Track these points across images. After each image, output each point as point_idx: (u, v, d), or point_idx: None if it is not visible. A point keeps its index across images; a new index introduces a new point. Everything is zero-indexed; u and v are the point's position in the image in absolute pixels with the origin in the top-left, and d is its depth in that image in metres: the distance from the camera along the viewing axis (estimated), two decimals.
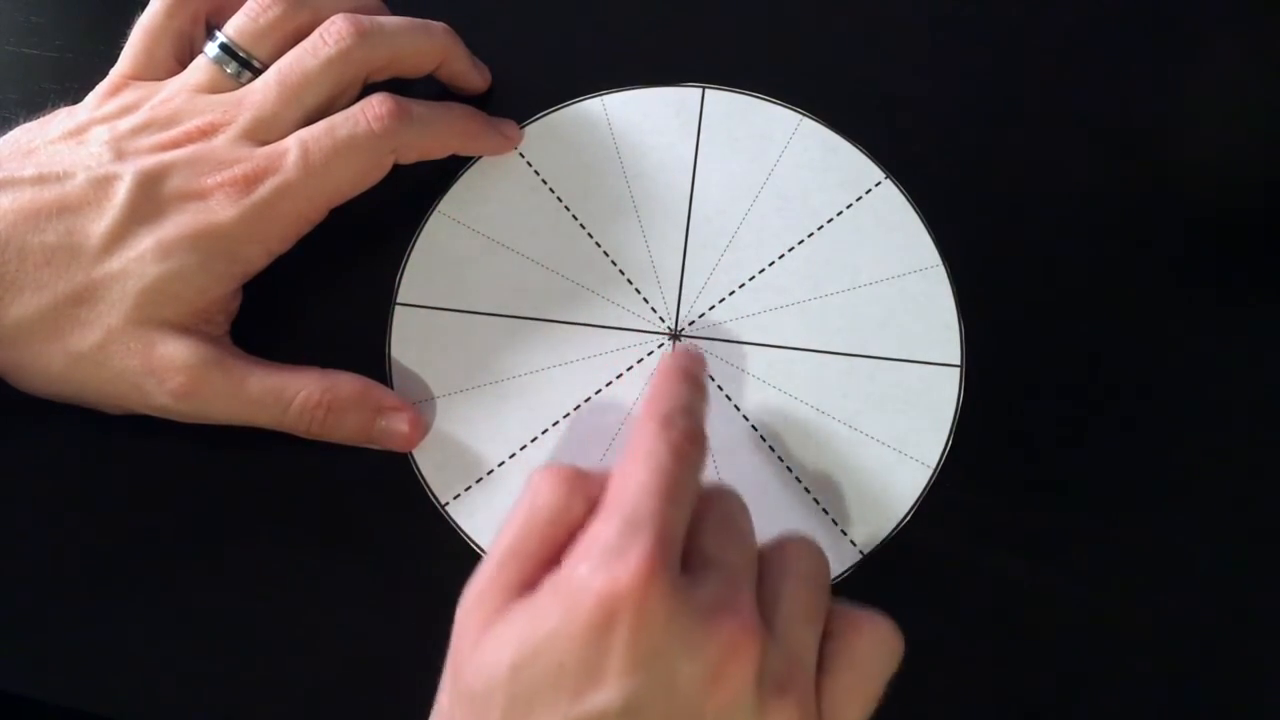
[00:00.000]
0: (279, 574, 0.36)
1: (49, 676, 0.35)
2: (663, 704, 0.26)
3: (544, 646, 0.26)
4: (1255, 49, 0.39)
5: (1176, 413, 0.36)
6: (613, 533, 0.27)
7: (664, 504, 0.28)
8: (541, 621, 0.27)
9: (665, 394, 0.31)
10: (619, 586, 0.26)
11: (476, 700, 0.27)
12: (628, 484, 0.28)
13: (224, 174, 0.33)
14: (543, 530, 0.29)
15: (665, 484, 0.28)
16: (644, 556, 0.26)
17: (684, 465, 0.29)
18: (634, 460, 0.29)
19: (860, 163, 0.38)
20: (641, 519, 0.27)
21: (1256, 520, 0.35)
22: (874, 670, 0.29)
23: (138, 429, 0.35)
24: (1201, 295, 0.37)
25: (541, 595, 0.27)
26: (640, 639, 0.26)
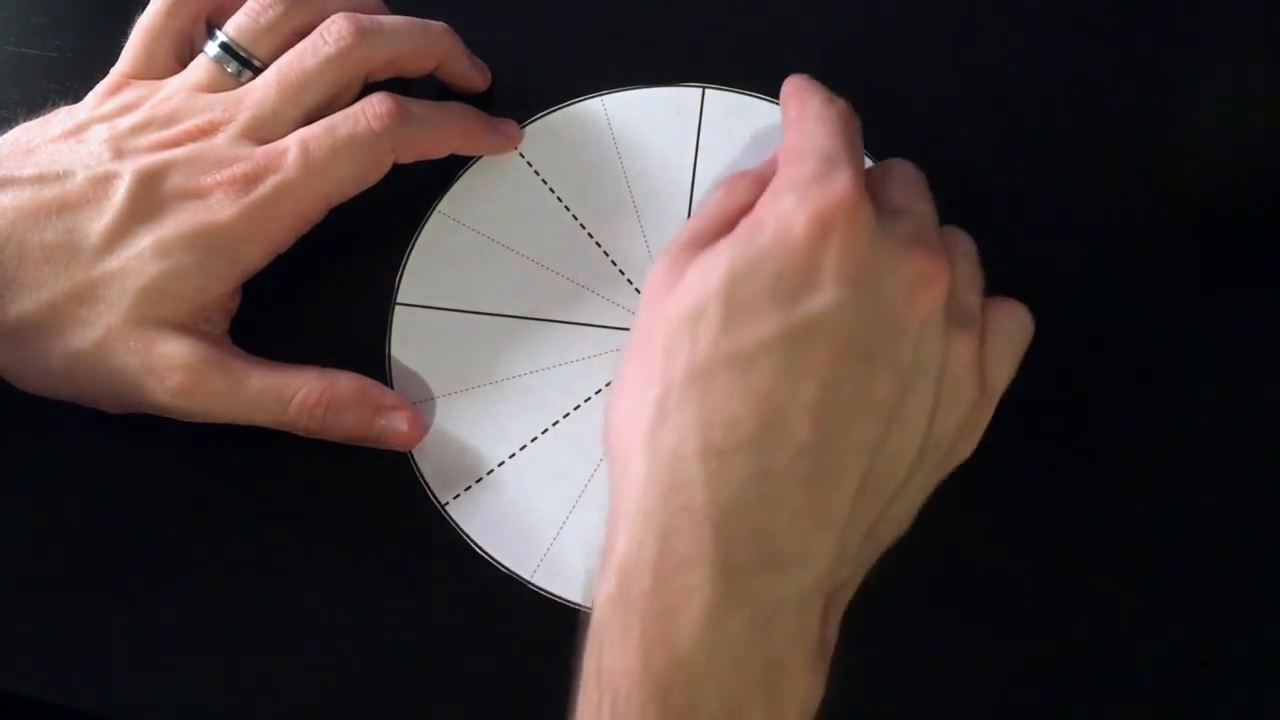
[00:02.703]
0: (279, 574, 0.36)
1: (49, 676, 0.35)
2: (868, 313, 0.29)
3: (760, 259, 0.29)
4: (1255, 49, 0.39)
5: (1177, 412, 0.36)
6: (810, 168, 0.29)
7: (852, 148, 0.31)
8: (753, 241, 0.29)
9: (816, 87, 0.33)
10: (831, 203, 0.28)
11: (688, 319, 0.29)
12: (810, 136, 0.31)
13: (224, 173, 0.33)
14: (733, 215, 0.31)
15: (845, 136, 0.31)
16: (850, 179, 0.29)
17: (854, 125, 0.32)
18: (807, 121, 0.31)
19: None
20: (837, 155, 0.30)
21: (1257, 520, 0.35)
22: (1018, 341, 0.32)
23: (138, 428, 0.35)
24: (1202, 295, 0.37)
25: (745, 225, 0.30)
26: (851, 252, 0.28)
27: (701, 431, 0.28)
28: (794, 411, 0.28)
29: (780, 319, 0.28)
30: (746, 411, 0.28)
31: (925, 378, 0.29)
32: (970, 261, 0.32)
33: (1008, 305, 0.32)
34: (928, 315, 0.29)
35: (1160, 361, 0.36)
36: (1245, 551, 0.35)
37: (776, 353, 0.28)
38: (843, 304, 0.28)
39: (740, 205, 0.31)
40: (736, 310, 0.29)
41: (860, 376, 0.28)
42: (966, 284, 0.31)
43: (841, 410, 0.28)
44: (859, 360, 0.28)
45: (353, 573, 0.36)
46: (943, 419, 0.30)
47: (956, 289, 0.30)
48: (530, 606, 0.35)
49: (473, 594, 0.35)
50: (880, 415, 0.29)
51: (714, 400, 0.28)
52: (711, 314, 0.29)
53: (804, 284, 0.28)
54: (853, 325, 0.28)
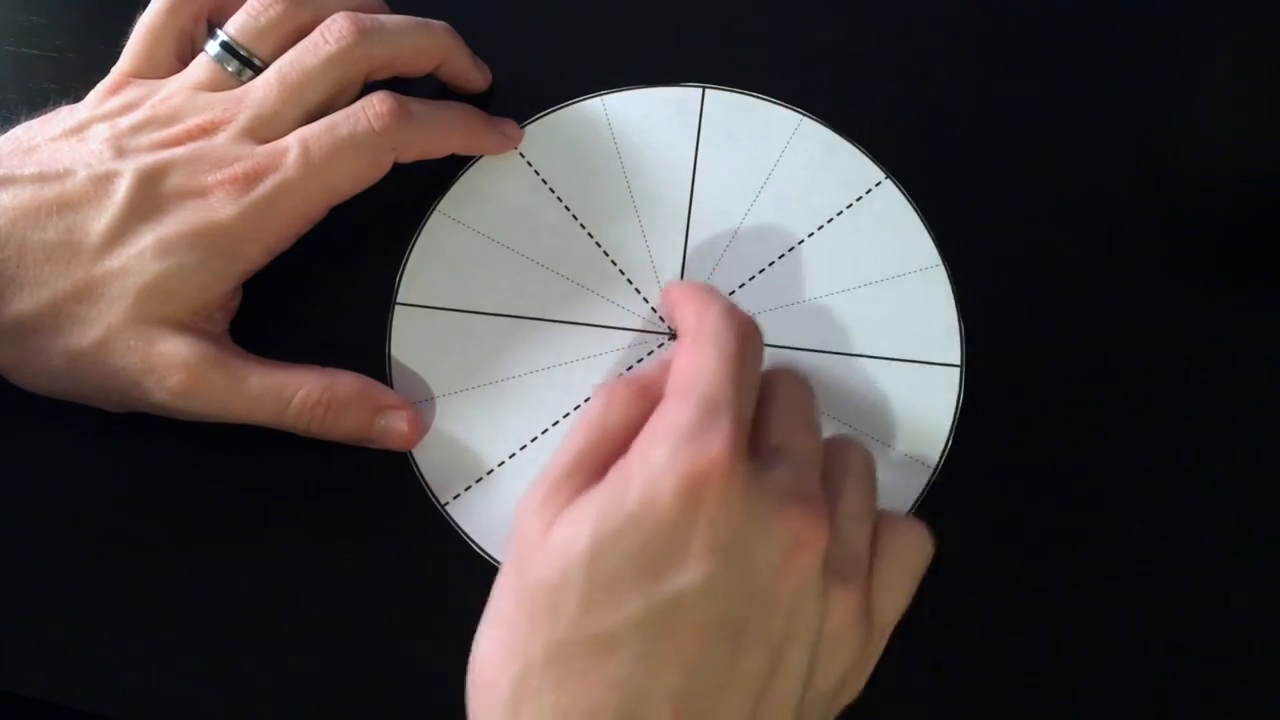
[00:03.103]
0: (278, 573, 0.36)
1: (49, 676, 0.35)
2: (738, 586, 0.27)
3: (625, 528, 0.27)
4: (1255, 49, 0.39)
5: (1177, 412, 0.36)
6: (689, 416, 0.27)
7: (737, 389, 0.28)
8: (620, 504, 0.27)
9: (710, 294, 0.31)
10: (701, 468, 0.26)
11: (550, 589, 0.27)
12: (699, 370, 0.28)
13: (224, 172, 0.33)
14: (611, 441, 0.29)
15: (736, 369, 0.29)
16: (726, 439, 0.27)
17: (752, 351, 0.30)
18: (701, 344, 0.29)
19: (860, 163, 0.38)
20: (718, 403, 0.28)
21: (1257, 520, 0.35)
22: (913, 568, 0.30)
23: (138, 428, 0.35)
24: (1202, 295, 0.37)
25: (615, 480, 0.28)
26: (721, 521, 0.27)
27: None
28: (654, 702, 0.27)
29: (643, 598, 0.26)
30: (605, 701, 0.26)
31: (799, 646, 0.28)
32: (860, 488, 0.30)
33: (901, 530, 0.31)
34: (803, 582, 0.28)
35: (1160, 361, 0.36)
36: (1246, 551, 0.35)
37: (637, 636, 0.26)
38: (710, 580, 0.26)
39: (619, 425, 0.29)
40: (599, 586, 0.27)
41: (727, 657, 0.27)
42: (854, 520, 0.30)
43: (706, 696, 0.27)
44: (726, 640, 0.27)
45: (353, 573, 0.36)
46: (821, 679, 0.29)
47: (839, 537, 0.29)
48: None
49: (473, 594, 0.35)
50: (748, 693, 0.27)
51: (572, 686, 0.27)
52: (573, 588, 0.27)
53: (670, 558, 0.27)
54: (720, 602, 0.27)
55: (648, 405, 0.29)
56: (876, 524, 0.30)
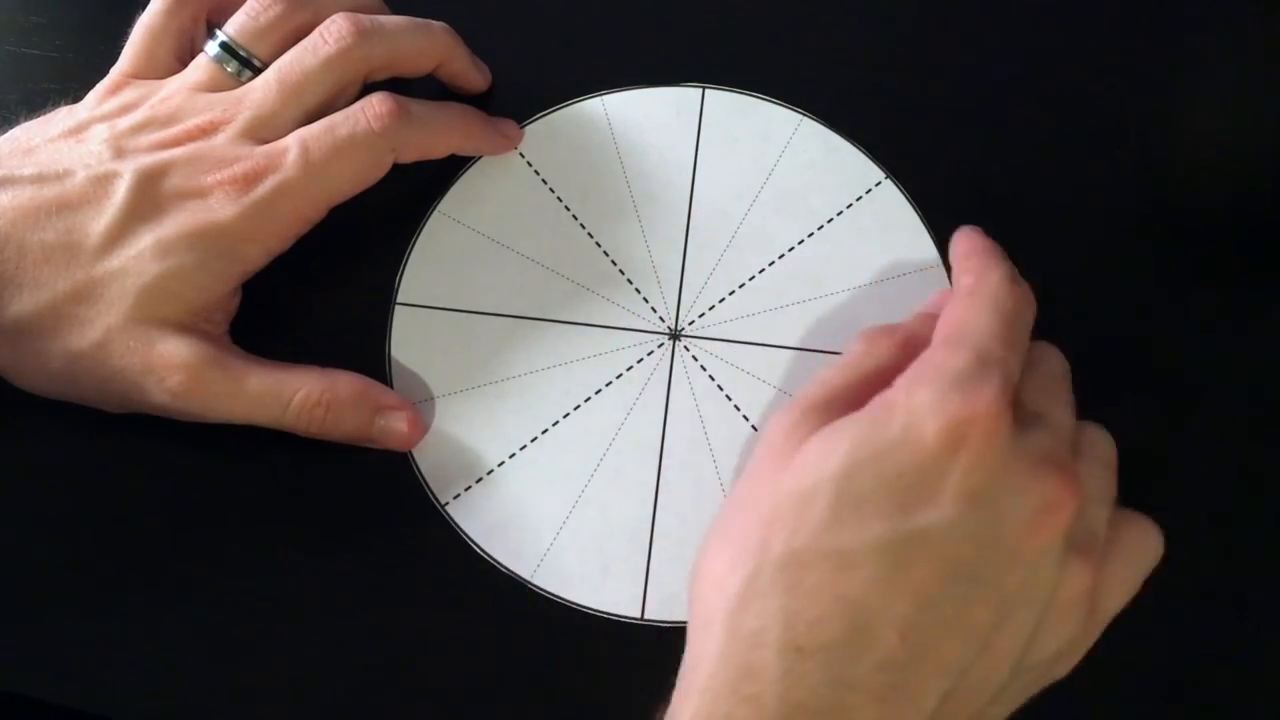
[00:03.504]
0: (278, 574, 0.36)
1: (49, 676, 0.35)
2: (983, 536, 0.27)
3: (884, 454, 0.28)
4: (1256, 48, 0.39)
5: (1176, 412, 0.36)
6: (961, 364, 0.28)
7: (1009, 347, 0.29)
8: (880, 431, 0.28)
9: (999, 253, 0.32)
10: (970, 414, 0.27)
11: (797, 499, 0.28)
12: (975, 321, 0.29)
13: (224, 172, 0.33)
14: (868, 383, 0.30)
15: (1010, 330, 0.30)
16: (995, 392, 0.28)
17: (1026, 318, 0.31)
18: (980, 300, 0.30)
19: (860, 163, 0.38)
20: (990, 356, 0.28)
21: (1257, 519, 0.35)
22: (1140, 566, 0.31)
23: (138, 429, 0.35)
24: (1202, 294, 0.37)
25: (878, 409, 0.29)
26: (980, 470, 0.27)
27: (785, 624, 0.27)
28: (882, 624, 0.27)
29: (889, 525, 0.27)
30: (835, 613, 0.27)
31: (1029, 606, 0.28)
32: (1105, 474, 0.31)
33: (1138, 526, 0.31)
34: (1046, 544, 0.28)
35: (1160, 361, 0.36)
36: (1246, 551, 0.35)
37: (877, 560, 0.27)
38: (957, 523, 0.27)
39: (877, 369, 0.30)
40: (847, 504, 0.27)
41: (959, 599, 0.27)
42: (1096, 502, 0.30)
43: (933, 631, 0.27)
44: (961, 583, 0.27)
45: (352, 573, 0.36)
46: (1041, 646, 0.29)
47: (1083, 512, 0.29)
48: (530, 606, 0.35)
49: (473, 594, 0.35)
50: (973, 640, 0.28)
51: (804, 593, 0.27)
52: (820, 501, 0.28)
53: (922, 493, 0.27)
54: (963, 546, 0.27)
55: (906, 357, 0.30)
56: (1114, 514, 0.31)
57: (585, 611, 0.35)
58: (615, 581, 0.35)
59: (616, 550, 0.35)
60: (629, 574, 0.35)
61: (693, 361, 0.37)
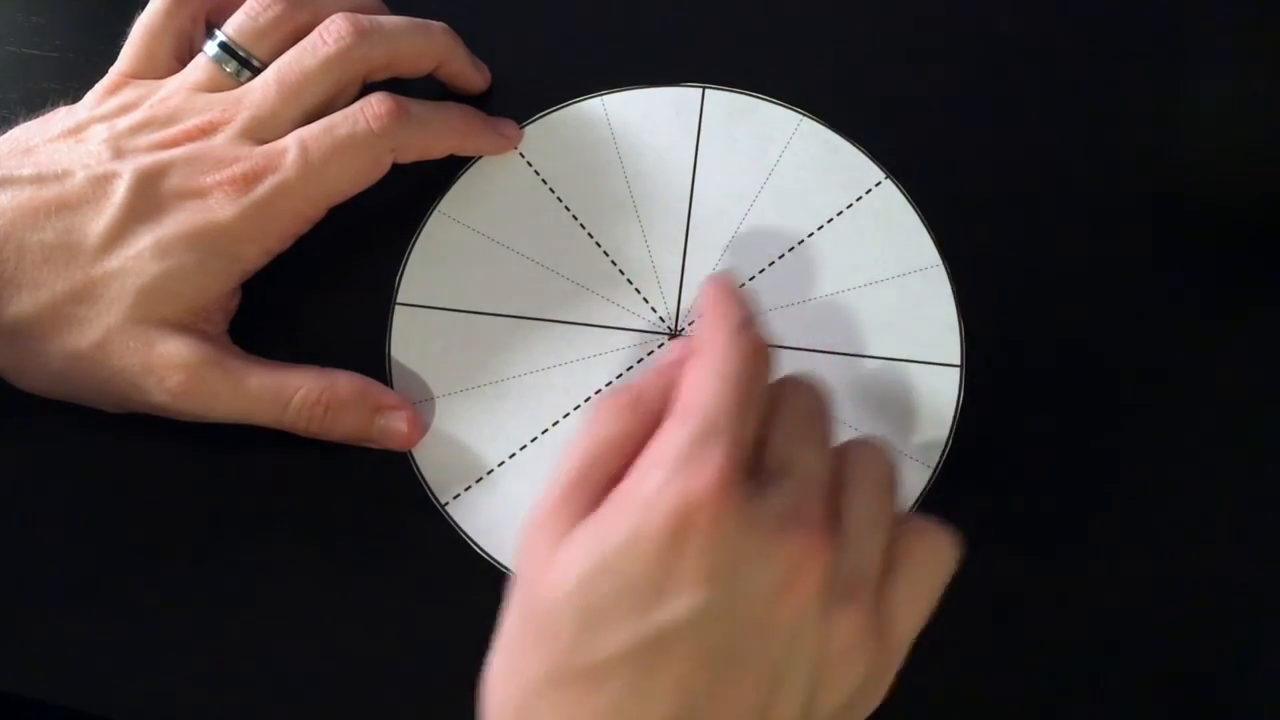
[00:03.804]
0: (279, 574, 0.36)
1: (49, 676, 0.35)
2: (731, 616, 0.26)
3: (614, 559, 0.26)
4: (1256, 49, 0.39)
5: (1176, 412, 0.36)
6: (684, 441, 0.27)
7: (738, 411, 0.28)
8: (611, 534, 0.27)
9: (728, 304, 0.30)
10: (692, 497, 0.26)
11: (545, 617, 0.27)
12: (699, 392, 0.28)
13: (223, 172, 0.33)
14: (609, 456, 0.29)
15: (739, 391, 0.28)
16: (718, 466, 0.26)
17: (756, 374, 0.29)
18: (704, 364, 0.29)
19: (860, 163, 0.38)
20: (716, 427, 0.27)
21: (1257, 519, 0.35)
22: (933, 581, 0.29)
23: (138, 429, 0.35)
24: (1202, 295, 0.37)
25: (610, 508, 0.27)
26: (712, 551, 0.26)
27: None
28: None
29: (632, 630, 0.26)
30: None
31: (798, 670, 0.27)
32: (875, 498, 0.29)
33: (921, 539, 0.29)
34: (800, 607, 0.27)
35: (1160, 361, 0.36)
36: (1246, 551, 0.35)
37: (627, 668, 0.26)
38: (700, 609, 0.26)
39: (617, 442, 0.29)
40: (591, 617, 0.26)
41: (721, 685, 0.26)
42: (862, 536, 0.28)
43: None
44: (720, 668, 0.26)
45: (353, 573, 0.36)
46: (824, 701, 0.28)
47: (846, 553, 0.28)
48: None
49: (473, 594, 0.35)
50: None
51: (567, 714, 0.27)
52: (566, 617, 0.27)
53: (660, 588, 0.26)
54: (711, 632, 0.26)
55: (645, 416, 0.29)
56: (895, 531, 0.29)
57: None
58: None
59: None
60: None
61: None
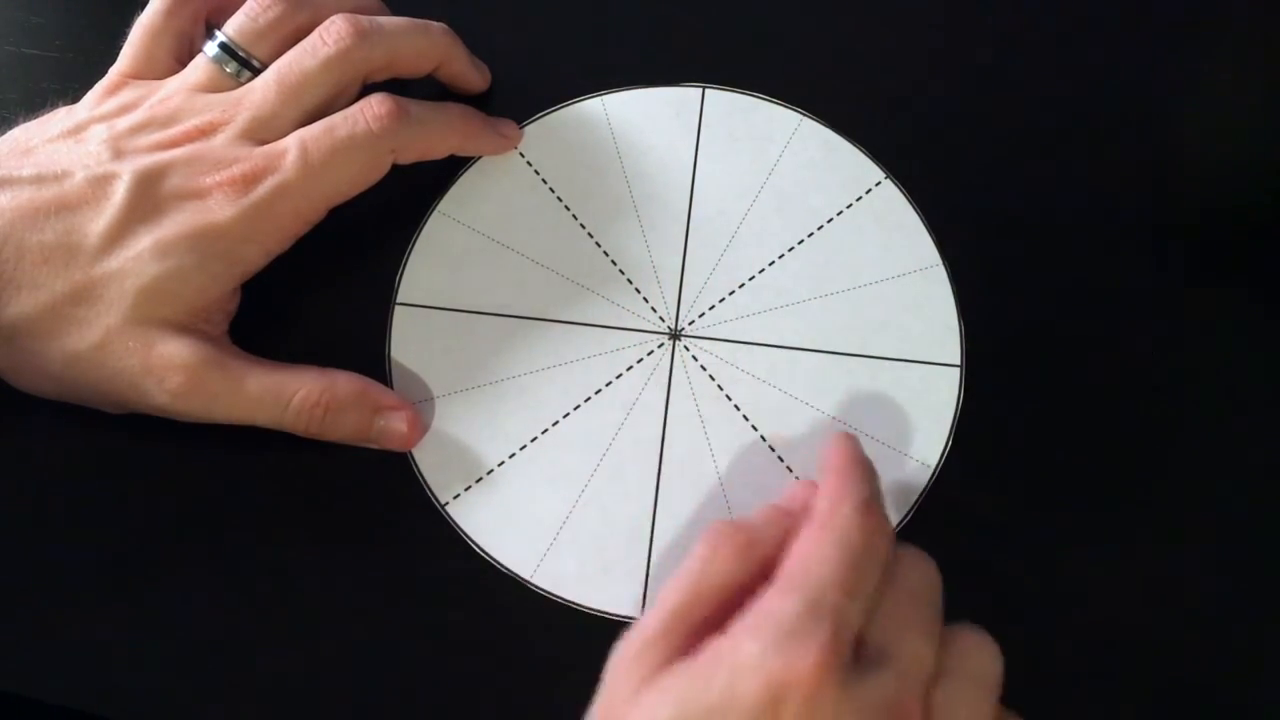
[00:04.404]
0: (279, 574, 0.36)
1: (49, 676, 0.35)
2: None
3: (703, 717, 0.26)
4: (1256, 49, 0.39)
5: (1176, 412, 0.36)
6: (791, 614, 0.27)
7: (848, 593, 0.27)
8: (704, 690, 0.26)
9: (854, 477, 0.30)
10: (791, 676, 0.26)
11: None
12: (815, 564, 0.28)
13: (223, 173, 0.33)
14: (711, 596, 0.29)
15: (853, 573, 0.28)
16: (821, 649, 0.26)
17: (874, 556, 0.29)
18: (825, 536, 0.28)
19: (860, 163, 0.38)
20: (824, 607, 0.27)
21: (1257, 519, 0.35)
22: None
23: (138, 429, 0.35)
24: (1202, 295, 0.37)
25: (706, 662, 0.27)
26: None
27: None
28: None
29: None
30: None
31: None
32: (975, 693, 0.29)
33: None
34: None
35: (1160, 361, 0.36)
36: (1246, 551, 0.35)
37: None
38: None
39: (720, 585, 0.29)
40: None
41: None
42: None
43: None
44: None
45: (352, 572, 0.36)
46: None
47: None
48: (530, 606, 0.35)
49: (473, 594, 0.35)
50: None
51: None
52: None
53: None
54: None
55: (756, 564, 0.29)
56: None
57: (585, 611, 0.35)
58: (615, 581, 0.35)
59: (616, 550, 0.35)
60: (629, 574, 0.35)
61: (693, 361, 0.37)
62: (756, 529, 0.30)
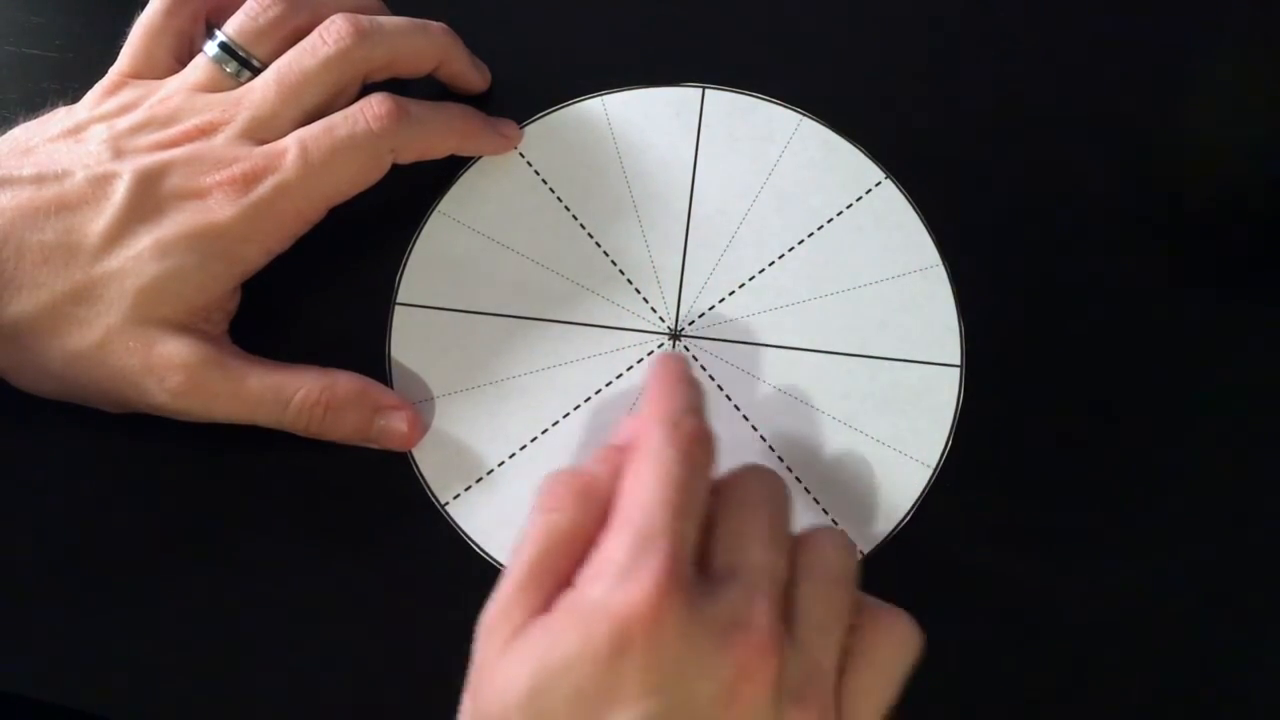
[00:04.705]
0: (279, 574, 0.36)
1: (49, 676, 0.35)
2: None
3: (560, 671, 0.26)
4: (1255, 49, 0.39)
5: (1176, 412, 0.36)
6: (624, 551, 0.27)
7: (674, 515, 0.27)
8: (557, 645, 0.26)
9: (667, 395, 0.30)
10: (632, 610, 0.26)
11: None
12: (637, 495, 0.28)
13: (223, 173, 0.33)
14: (559, 548, 0.28)
15: (675, 494, 0.28)
16: (655, 575, 0.26)
17: (694, 470, 0.29)
18: (642, 468, 0.28)
19: (860, 163, 0.38)
20: (653, 533, 0.27)
21: (1256, 519, 0.35)
22: (893, 669, 0.29)
23: (138, 429, 0.35)
24: (1201, 295, 0.37)
25: (557, 617, 0.27)
26: (655, 661, 0.26)
27: None
28: None
29: None
30: None
31: None
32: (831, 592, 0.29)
33: (881, 627, 0.29)
34: (750, 712, 0.26)
35: (1160, 361, 0.36)
36: (1245, 551, 0.35)
37: None
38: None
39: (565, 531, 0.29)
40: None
41: None
42: (816, 632, 0.28)
43: None
44: None
45: (353, 572, 0.36)
46: None
47: (798, 653, 0.27)
48: None
49: (473, 594, 0.35)
50: None
51: None
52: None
53: (605, 701, 0.26)
54: None
55: (595, 507, 0.29)
56: (855, 620, 0.29)
57: None
58: None
59: None
60: None
61: (693, 361, 0.37)
62: (589, 474, 0.30)
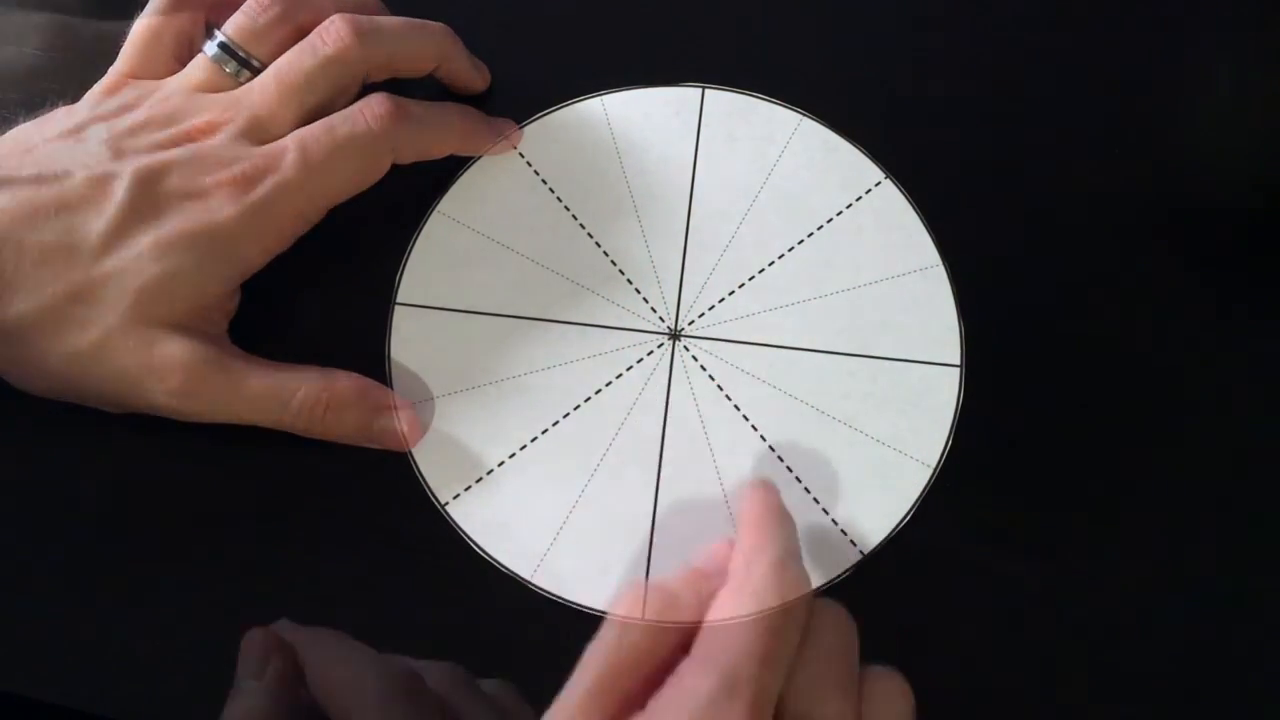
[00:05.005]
0: (278, 573, 0.36)
1: (49, 676, 0.35)
2: None
3: None
4: (1255, 49, 0.39)
5: (1176, 412, 0.36)
6: (707, 691, 0.26)
7: (764, 665, 0.27)
8: None
9: (770, 534, 0.29)
10: None
11: None
12: (730, 634, 0.27)
13: (223, 173, 0.33)
14: (631, 668, 0.28)
15: (770, 641, 0.27)
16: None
17: (791, 621, 0.28)
18: (739, 604, 0.28)
19: (860, 163, 0.38)
20: (740, 679, 0.26)
21: (1256, 519, 0.35)
22: None
23: (138, 429, 0.35)
24: (1201, 295, 0.37)
25: None
26: None
27: None
28: None
29: None
30: None
31: None
32: None
33: None
34: None
35: (1160, 361, 0.36)
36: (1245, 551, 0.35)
37: None
38: None
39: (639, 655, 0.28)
40: None
41: None
42: None
43: None
44: None
45: (352, 573, 0.36)
46: None
47: None
48: (530, 606, 0.35)
49: (473, 594, 0.35)
50: None
51: None
52: None
53: None
54: None
55: (669, 631, 0.28)
56: None
57: (585, 611, 0.35)
58: (615, 581, 0.35)
59: (616, 550, 0.35)
60: (629, 574, 0.35)
61: (692, 361, 0.37)
62: (673, 592, 0.29)
